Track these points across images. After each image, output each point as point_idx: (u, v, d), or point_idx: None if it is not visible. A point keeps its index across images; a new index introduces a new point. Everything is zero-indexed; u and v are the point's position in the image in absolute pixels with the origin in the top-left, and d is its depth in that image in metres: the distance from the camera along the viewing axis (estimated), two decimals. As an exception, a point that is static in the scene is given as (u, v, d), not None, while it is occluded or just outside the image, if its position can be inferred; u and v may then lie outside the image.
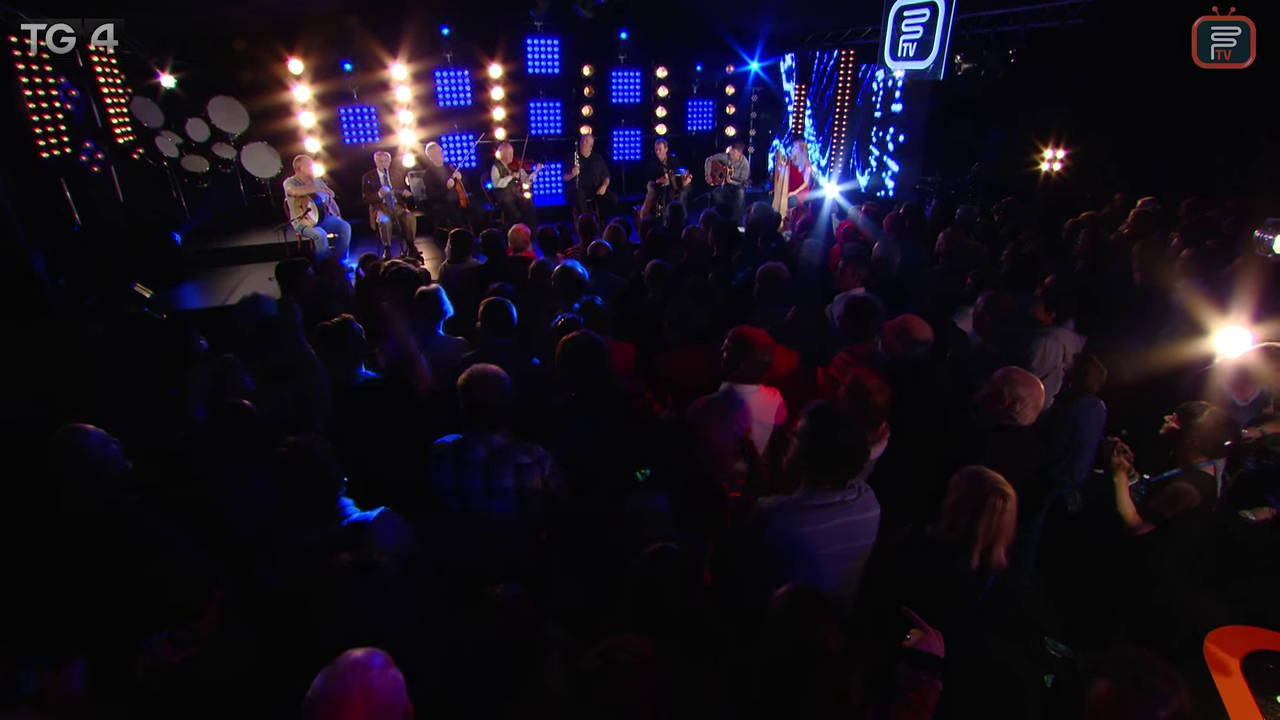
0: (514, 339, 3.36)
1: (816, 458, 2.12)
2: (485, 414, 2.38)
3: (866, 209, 6.49)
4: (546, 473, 2.43)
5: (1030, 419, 2.72)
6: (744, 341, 2.80)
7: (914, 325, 3.11)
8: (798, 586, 1.69)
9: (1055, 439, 3.33)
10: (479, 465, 2.38)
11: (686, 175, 9.47)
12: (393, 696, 1.28)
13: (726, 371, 2.87)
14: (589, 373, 2.70)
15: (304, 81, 9.52)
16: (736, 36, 11.36)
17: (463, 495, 2.41)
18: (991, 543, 2.17)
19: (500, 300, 3.33)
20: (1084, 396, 3.28)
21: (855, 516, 2.17)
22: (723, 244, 5.05)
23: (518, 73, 10.46)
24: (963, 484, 2.18)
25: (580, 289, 4.00)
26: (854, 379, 2.92)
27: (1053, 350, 3.85)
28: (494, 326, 3.32)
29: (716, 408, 2.82)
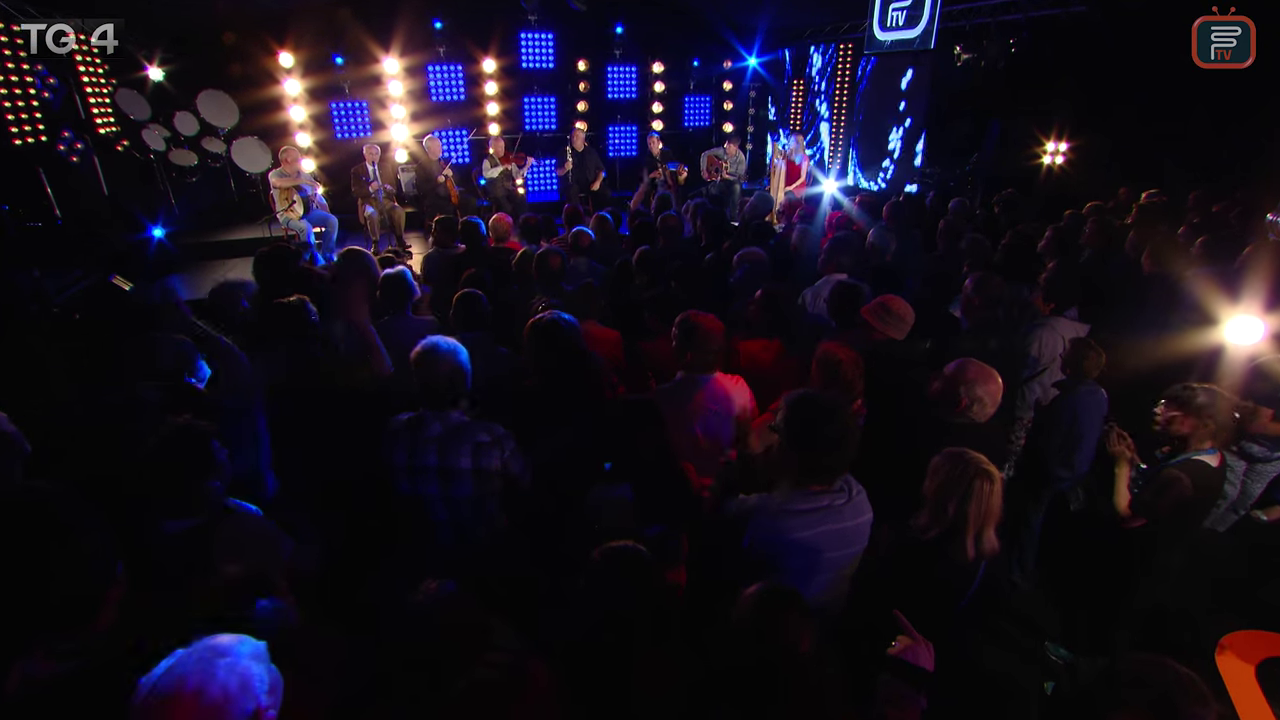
0: (487, 331, 3.19)
1: (801, 454, 1.93)
2: (440, 389, 2.23)
3: (860, 199, 6.32)
4: (507, 454, 2.27)
5: (988, 415, 2.51)
6: (690, 327, 2.65)
7: (892, 302, 2.94)
8: (769, 585, 1.52)
9: (1054, 430, 3.15)
10: (434, 442, 2.23)
11: (681, 169, 9.30)
12: (235, 693, 1.10)
13: (677, 360, 2.71)
14: (558, 351, 2.54)
15: (295, 75, 9.40)
16: (734, 31, 11.22)
17: (415, 475, 2.25)
18: (982, 527, 2.00)
19: (472, 292, 3.16)
20: (1082, 384, 3.10)
21: (846, 522, 1.97)
22: (711, 234, 4.88)
23: (512, 67, 10.34)
24: (945, 467, 2.01)
25: (560, 276, 3.84)
26: (824, 352, 2.78)
27: (1050, 341, 3.67)
28: (466, 319, 3.16)
29: (670, 397, 2.65)
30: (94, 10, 7.32)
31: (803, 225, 4.47)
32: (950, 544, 2.01)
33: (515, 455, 2.31)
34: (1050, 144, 8.29)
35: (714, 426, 2.81)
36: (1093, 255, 4.82)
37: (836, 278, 3.74)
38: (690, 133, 11.75)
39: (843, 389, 2.66)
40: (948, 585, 2.13)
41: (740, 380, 2.92)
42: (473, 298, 3.14)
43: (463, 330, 3.14)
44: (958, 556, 2.03)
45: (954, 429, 2.47)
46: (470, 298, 3.13)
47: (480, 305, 3.15)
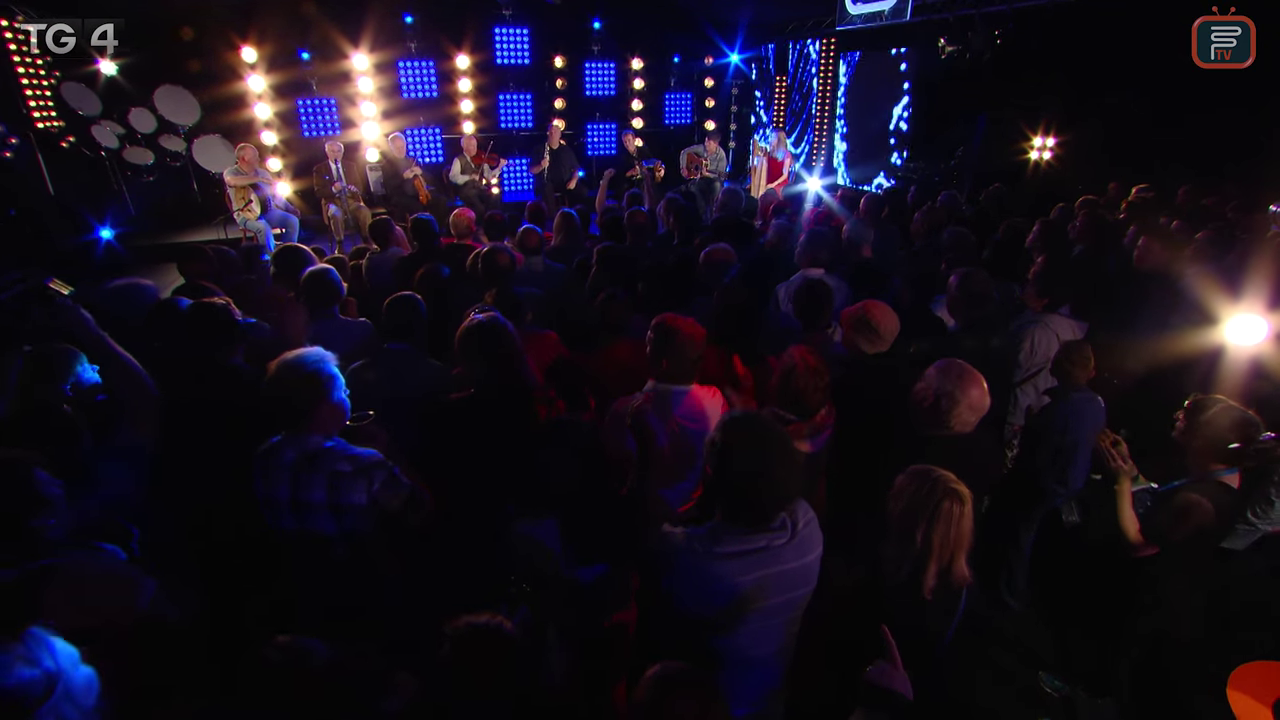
0: (419, 341, 2.87)
1: (727, 489, 1.62)
2: (294, 409, 1.91)
3: (842, 195, 6.06)
4: (376, 486, 1.94)
5: (969, 425, 2.21)
6: (667, 332, 2.34)
7: (875, 313, 2.63)
8: (665, 670, 1.22)
9: (1045, 441, 2.87)
10: (286, 471, 1.91)
11: (659, 166, 9.01)
12: None
13: (651, 368, 2.41)
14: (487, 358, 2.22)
15: (259, 71, 9.04)
16: (715, 27, 10.96)
17: (271, 508, 1.94)
18: (951, 555, 1.70)
19: (403, 297, 2.83)
20: (1076, 390, 2.82)
21: (789, 564, 1.64)
22: (684, 230, 4.58)
23: (486, 64, 10.02)
24: (909, 487, 1.72)
25: (507, 276, 3.54)
26: (787, 359, 2.49)
27: (1044, 341, 3.40)
28: (395, 327, 2.83)
29: (645, 415, 2.34)
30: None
31: (780, 222, 4.17)
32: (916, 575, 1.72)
33: (392, 486, 1.97)
34: (1038, 138, 8.07)
35: (685, 443, 2.53)
36: (1084, 251, 4.56)
37: (811, 273, 3.46)
38: (671, 130, 11.47)
39: (805, 397, 2.38)
40: (924, 626, 1.83)
41: (718, 393, 2.64)
42: (403, 303, 2.81)
43: (390, 340, 2.82)
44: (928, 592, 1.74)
45: (932, 443, 2.18)
46: (400, 303, 2.81)
47: (413, 311, 2.83)
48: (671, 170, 9.86)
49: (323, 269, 3.16)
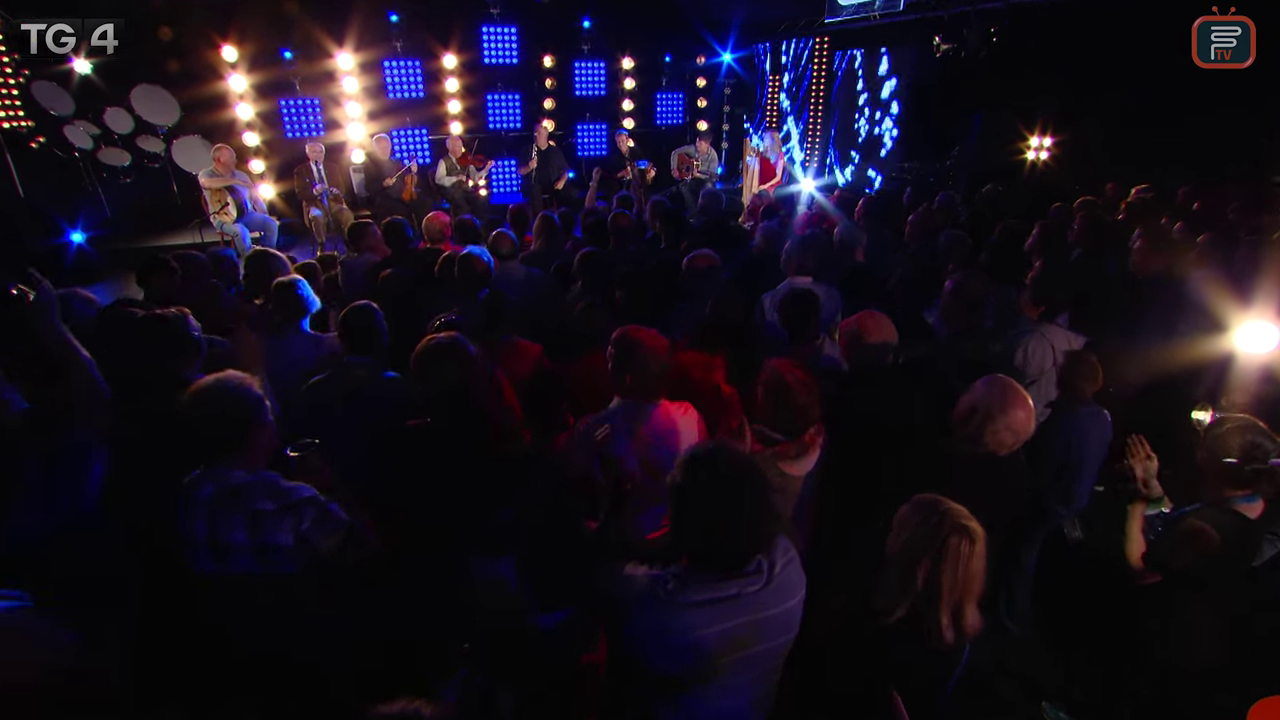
0: (379, 354, 2.68)
1: (692, 536, 1.45)
2: (212, 442, 1.74)
3: (838, 196, 5.89)
4: (306, 525, 1.76)
5: (1005, 447, 2.06)
6: (628, 345, 2.18)
7: (869, 326, 2.47)
8: None
9: (1048, 458, 2.71)
10: (203, 508, 1.73)
11: (650, 168, 8.84)
12: None
13: (615, 385, 2.24)
14: (437, 382, 2.04)
15: (240, 71, 8.83)
16: (708, 26, 10.80)
17: (189, 549, 1.76)
18: (960, 601, 1.53)
19: (360, 306, 2.65)
20: (1081, 405, 2.66)
21: (767, 611, 1.47)
22: (670, 234, 4.40)
23: (473, 63, 9.83)
24: (913, 519, 1.55)
25: (483, 282, 3.36)
26: (771, 373, 2.33)
27: (1039, 351, 3.24)
28: (353, 340, 2.64)
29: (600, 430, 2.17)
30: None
31: (768, 225, 3.98)
32: (921, 623, 1.55)
33: (325, 525, 1.79)
34: (1034, 138, 7.92)
35: (655, 463, 2.36)
36: (1083, 254, 4.41)
37: (799, 282, 3.29)
38: (663, 130, 11.29)
39: (793, 417, 2.21)
40: (922, 675, 1.66)
41: (690, 409, 2.47)
42: (359, 313, 2.62)
43: (350, 354, 2.64)
44: (932, 639, 1.56)
45: (962, 461, 2.01)
46: (356, 313, 2.62)
47: (369, 321, 2.64)
48: (664, 171, 9.70)
49: (289, 280, 2.98)
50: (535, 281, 3.86)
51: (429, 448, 2.08)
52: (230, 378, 1.77)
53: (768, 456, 2.37)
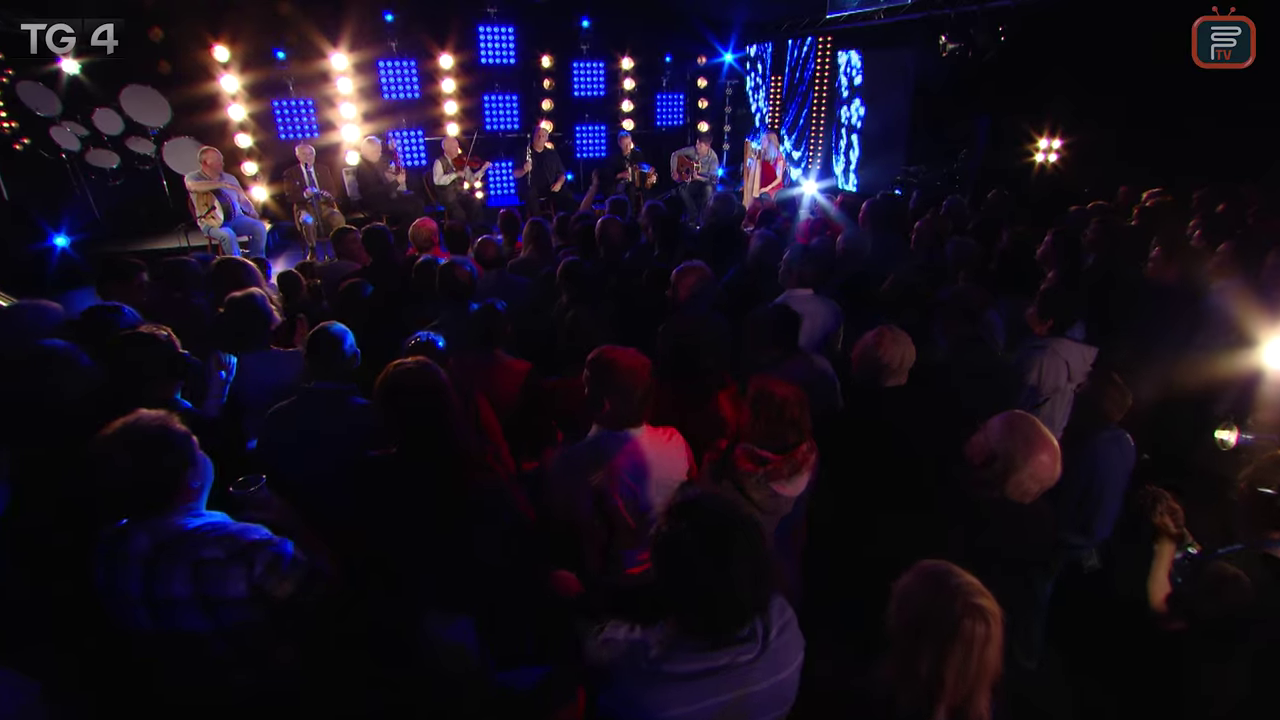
0: (347, 379, 2.50)
1: (679, 598, 1.27)
2: (138, 489, 1.55)
3: (841, 201, 5.69)
4: (258, 572, 1.58)
5: (1028, 496, 1.82)
6: (604, 367, 2.00)
7: (886, 344, 2.27)
8: None
9: (1067, 487, 2.50)
10: (138, 561, 1.55)
11: (651, 173, 8.66)
12: None
13: (592, 412, 2.05)
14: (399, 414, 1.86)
15: (232, 71, 8.69)
16: (709, 25, 10.61)
17: (116, 604, 1.57)
18: (969, 693, 1.32)
19: (325, 330, 2.46)
20: (1104, 429, 2.46)
21: (755, 686, 1.28)
22: (665, 241, 4.21)
23: (470, 63, 9.67)
24: (918, 595, 1.32)
25: (466, 293, 3.17)
26: (759, 390, 2.17)
27: (1052, 368, 3.04)
28: (318, 364, 2.46)
29: (575, 464, 1.99)
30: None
31: (763, 232, 3.77)
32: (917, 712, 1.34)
33: (280, 569, 1.61)
34: (1043, 140, 7.71)
35: (639, 498, 2.17)
36: (1097, 262, 4.20)
37: (797, 294, 3.09)
38: (663, 132, 11.11)
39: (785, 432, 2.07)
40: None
41: (675, 435, 2.29)
42: (325, 338, 2.42)
43: (316, 379, 2.45)
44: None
45: (978, 507, 1.81)
46: (321, 338, 2.42)
47: (336, 345, 2.45)
48: (664, 174, 9.52)
49: (244, 296, 2.79)
50: (519, 291, 3.67)
51: (392, 482, 1.90)
52: (146, 423, 1.58)
53: (759, 477, 2.19)
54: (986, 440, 1.82)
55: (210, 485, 1.75)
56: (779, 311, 2.58)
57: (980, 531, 1.58)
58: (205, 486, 1.73)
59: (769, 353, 2.64)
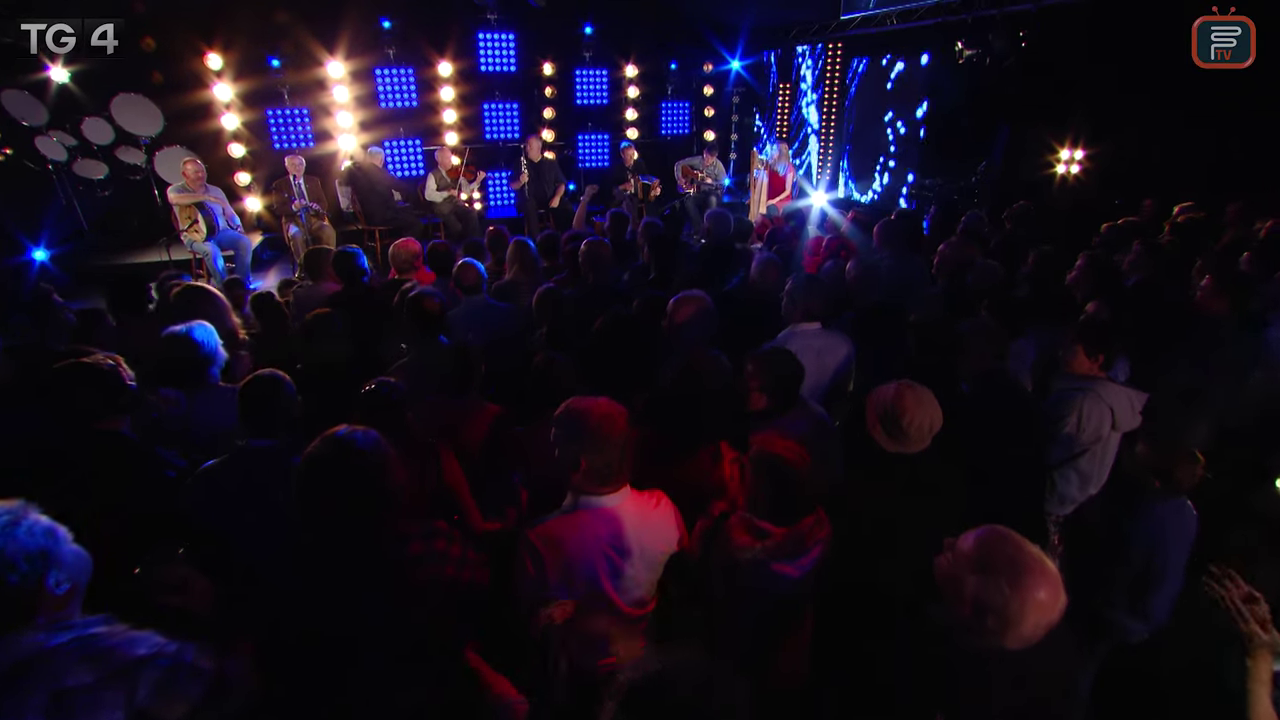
0: (287, 435, 2.19)
1: None
2: None
3: (854, 217, 5.35)
4: (142, 693, 1.28)
5: (1031, 641, 1.34)
6: (576, 420, 1.70)
7: (907, 404, 1.93)
8: None
9: (1121, 562, 2.15)
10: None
11: (655, 184, 8.36)
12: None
13: (564, 473, 1.76)
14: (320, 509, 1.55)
15: (225, 79, 8.48)
16: (715, 32, 10.32)
17: None
18: None
19: (261, 380, 2.15)
20: (1169, 498, 2.10)
21: None
22: (661, 263, 3.88)
23: (469, 71, 9.42)
24: None
25: (439, 325, 2.87)
26: (760, 451, 1.89)
27: (1094, 414, 2.69)
28: (253, 419, 2.15)
29: (552, 541, 1.70)
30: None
31: (765, 254, 3.41)
32: None
33: (173, 688, 1.31)
34: (1065, 150, 7.33)
35: (630, 577, 1.87)
36: (1137, 289, 3.83)
37: (802, 329, 2.76)
38: (668, 141, 10.80)
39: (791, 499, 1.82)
40: None
41: (663, 500, 1.98)
42: (259, 387, 2.12)
43: (252, 435, 2.15)
44: None
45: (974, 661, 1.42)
46: (256, 387, 2.12)
47: (277, 397, 2.14)
48: (669, 185, 9.22)
49: (177, 333, 2.50)
50: (500, 318, 3.35)
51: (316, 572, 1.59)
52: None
53: (756, 554, 1.88)
54: (957, 575, 1.38)
55: (86, 582, 1.44)
56: (782, 359, 2.25)
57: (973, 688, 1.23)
58: (79, 587, 1.42)
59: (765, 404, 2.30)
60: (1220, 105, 6.02)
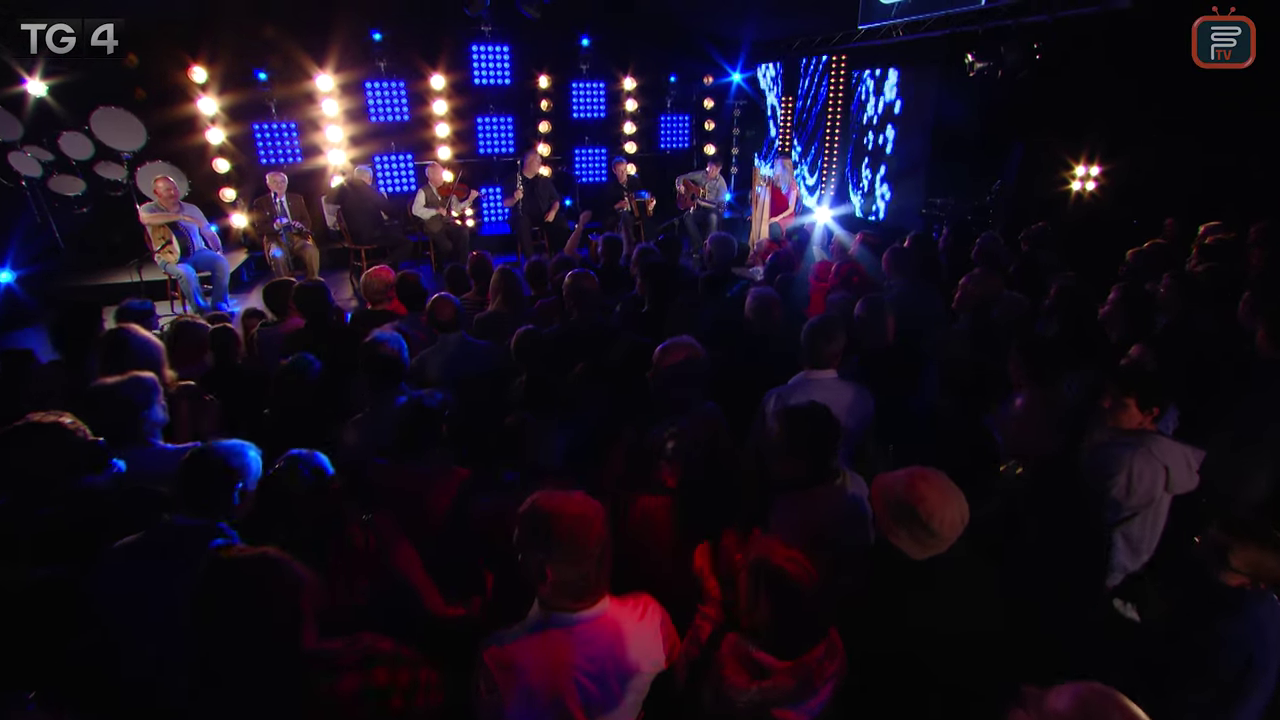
0: (220, 514, 1.87)
1: None
2: None
3: (864, 238, 5.03)
4: None
5: None
6: (540, 524, 1.42)
7: (929, 495, 1.59)
8: None
9: (1210, 668, 1.80)
10: None
11: (650, 200, 8.07)
12: None
13: (533, 584, 1.45)
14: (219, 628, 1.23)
15: (210, 93, 8.23)
16: (716, 44, 10.07)
17: None
18: None
19: (194, 456, 1.84)
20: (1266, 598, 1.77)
21: None
22: (656, 295, 3.55)
23: (463, 84, 9.18)
24: None
25: (397, 374, 2.54)
26: (762, 560, 1.57)
27: (1147, 474, 2.36)
28: (190, 495, 1.84)
29: (512, 668, 1.38)
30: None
31: (761, 290, 3.01)
32: None
33: None
34: (1080, 167, 7.04)
35: (607, 706, 1.54)
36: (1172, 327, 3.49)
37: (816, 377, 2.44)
38: (667, 155, 10.53)
39: (797, 629, 1.49)
40: None
41: (649, 608, 1.65)
42: (192, 464, 1.81)
43: (178, 512, 1.82)
44: None
45: None
46: (194, 464, 1.80)
47: (213, 470, 1.82)
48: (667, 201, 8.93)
49: (108, 387, 2.18)
50: (478, 359, 3.02)
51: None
52: None
53: (754, 696, 1.54)
54: None
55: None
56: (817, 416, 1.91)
57: None
58: None
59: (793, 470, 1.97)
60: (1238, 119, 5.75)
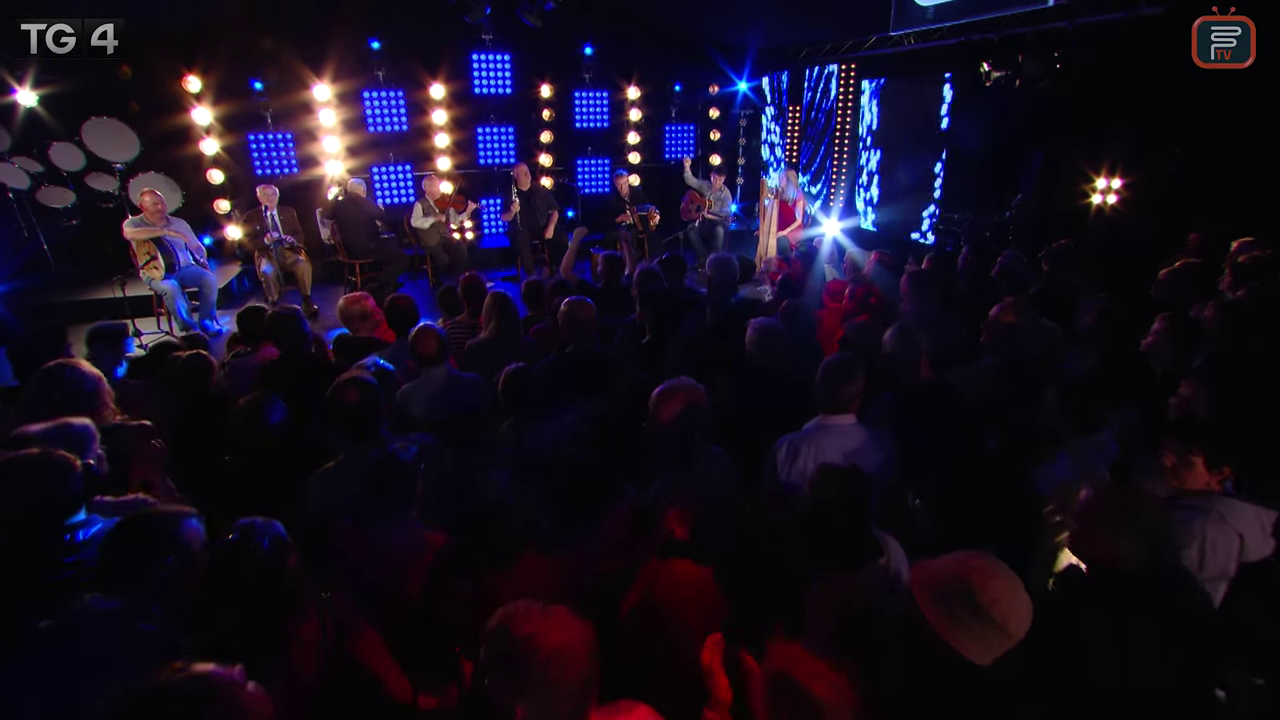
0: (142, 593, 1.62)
1: None
2: None
3: (879, 257, 4.74)
4: None
5: None
6: (511, 654, 1.19)
7: (996, 591, 1.31)
8: None
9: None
10: None
11: (654, 213, 7.84)
12: None
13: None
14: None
15: (205, 103, 8.05)
16: (721, 52, 9.85)
17: None
18: None
19: (124, 526, 1.59)
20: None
21: None
22: (657, 324, 3.28)
23: (463, 93, 8.98)
24: None
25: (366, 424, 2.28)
26: (777, 679, 1.32)
27: (1221, 543, 2.08)
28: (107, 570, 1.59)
29: None
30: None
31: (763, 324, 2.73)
32: None
33: None
34: (1101, 180, 6.76)
35: None
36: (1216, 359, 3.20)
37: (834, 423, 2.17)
38: (671, 166, 10.29)
39: None
40: None
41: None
42: (122, 536, 1.56)
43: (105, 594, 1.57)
44: None
45: None
46: (118, 537, 1.56)
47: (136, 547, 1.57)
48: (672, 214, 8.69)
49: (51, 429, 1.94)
50: (464, 395, 2.76)
51: None
52: None
53: None
54: None
55: None
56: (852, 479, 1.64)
57: None
58: None
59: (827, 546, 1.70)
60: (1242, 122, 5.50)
